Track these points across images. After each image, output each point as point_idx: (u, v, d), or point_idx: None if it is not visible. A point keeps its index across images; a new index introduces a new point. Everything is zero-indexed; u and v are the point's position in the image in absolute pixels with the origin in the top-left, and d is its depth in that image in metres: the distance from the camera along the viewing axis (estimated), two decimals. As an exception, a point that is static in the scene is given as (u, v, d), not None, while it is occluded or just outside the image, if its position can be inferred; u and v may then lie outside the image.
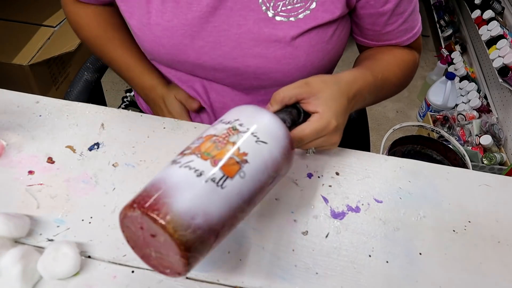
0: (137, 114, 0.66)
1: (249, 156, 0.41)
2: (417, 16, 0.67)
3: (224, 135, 0.42)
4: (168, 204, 0.36)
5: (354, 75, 0.59)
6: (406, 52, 0.70)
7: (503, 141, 1.80)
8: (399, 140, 1.40)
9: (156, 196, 0.36)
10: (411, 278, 0.50)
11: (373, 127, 2.01)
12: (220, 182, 0.38)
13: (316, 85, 0.52)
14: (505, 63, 1.66)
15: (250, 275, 0.49)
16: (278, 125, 0.45)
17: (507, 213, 0.58)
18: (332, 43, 0.64)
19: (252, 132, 0.43)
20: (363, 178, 0.61)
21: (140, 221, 0.37)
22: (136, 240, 0.39)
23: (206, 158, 0.39)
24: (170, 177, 0.38)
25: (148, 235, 0.37)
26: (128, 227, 0.39)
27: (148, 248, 0.39)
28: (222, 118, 0.45)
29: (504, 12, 1.88)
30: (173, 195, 0.36)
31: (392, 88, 0.69)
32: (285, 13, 0.59)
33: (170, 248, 0.37)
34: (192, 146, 0.42)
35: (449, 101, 1.96)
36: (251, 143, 0.42)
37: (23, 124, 0.62)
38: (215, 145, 0.40)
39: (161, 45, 0.63)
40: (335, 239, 0.53)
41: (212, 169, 0.38)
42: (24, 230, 0.48)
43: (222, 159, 0.39)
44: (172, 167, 0.39)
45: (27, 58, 1.62)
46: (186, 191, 0.37)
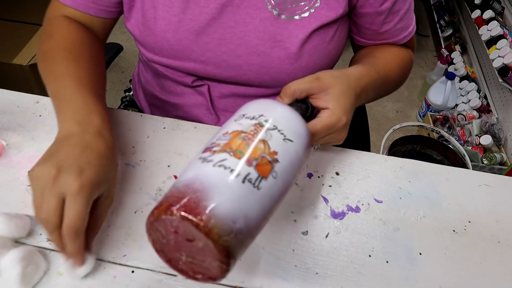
0: (137, 114, 0.66)
1: (279, 155, 0.39)
2: (412, 15, 0.68)
3: (253, 132, 0.39)
4: (209, 207, 0.33)
5: (360, 71, 0.59)
6: (403, 51, 0.71)
7: (503, 141, 1.80)
8: (399, 140, 1.40)
9: (194, 198, 0.33)
10: (411, 278, 0.50)
11: (373, 127, 2.01)
12: (256, 182, 0.36)
13: (327, 80, 0.52)
14: (505, 63, 1.65)
15: (250, 275, 0.49)
16: (301, 123, 0.44)
17: (507, 213, 0.58)
18: (333, 43, 0.64)
19: (279, 129, 0.41)
20: (363, 178, 0.61)
21: (176, 225, 0.34)
22: (164, 244, 0.37)
23: (239, 157, 0.37)
24: (205, 177, 0.35)
25: (183, 240, 0.35)
26: (158, 231, 0.36)
27: (179, 253, 0.37)
28: (245, 113, 0.43)
29: (504, 12, 1.88)
30: (213, 197, 0.34)
31: (391, 85, 0.69)
32: (289, 12, 0.60)
33: (209, 254, 0.35)
34: (220, 142, 0.39)
35: (449, 101, 1.96)
36: (280, 141, 0.40)
37: (23, 124, 0.62)
38: (246, 142, 0.38)
39: (165, 40, 0.62)
40: (335, 239, 0.53)
41: (248, 169, 0.36)
42: (24, 230, 0.48)
43: (256, 159, 0.37)
44: (204, 166, 0.36)
45: (27, 58, 1.62)
46: (225, 193, 0.35)
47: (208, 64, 0.65)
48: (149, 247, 0.49)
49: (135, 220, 0.52)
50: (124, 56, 2.23)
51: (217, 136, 0.41)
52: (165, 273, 0.48)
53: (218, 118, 0.73)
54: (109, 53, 0.95)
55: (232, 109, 0.72)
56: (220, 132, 0.41)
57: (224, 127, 0.42)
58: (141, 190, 0.56)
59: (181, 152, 0.61)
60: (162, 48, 0.64)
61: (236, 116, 0.43)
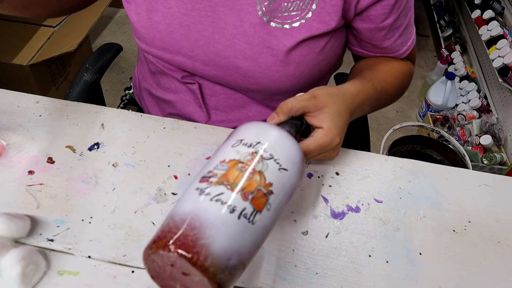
0: (137, 114, 0.66)
1: (274, 187, 0.40)
2: (412, 29, 0.69)
3: (250, 163, 0.40)
4: (206, 247, 0.34)
5: (357, 88, 0.59)
6: (403, 64, 0.71)
7: (503, 141, 1.80)
8: (399, 140, 1.40)
9: (192, 236, 0.35)
10: (411, 278, 0.50)
11: (373, 127, 2.01)
12: (251, 217, 0.37)
13: (323, 99, 0.52)
14: (505, 63, 1.66)
15: (250, 275, 0.49)
16: (297, 151, 0.44)
17: (507, 213, 0.58)
18: (323, 54, 0.64)
19: (275, 159, 0.41)
20: (363, 178, 0.61)
21: (173, 260, 0.35)
22: (160, 272, 0.38)
23: (236, 191, 0.38)
24: (203, 213, 0.36)
25: (179, 272, 0.36)
26: (155, 261, 0.37)
27: (174, 282, 0.38)
28: (242, 138, 0.43)
29: (504, 12, 1.88)
30: (210, 235, 0.35)
31: (388, 99, 0.70)
32: (280, 20, 0.60)
33: (203, 287, 0.36)
34: (217, 172, 0.39)
35: (449, 101, 1.96)
36: (275, 172, 0.41)
37: (23, 124, 0.62)
38: (243, 174, 0.39)
39: (158, 31, 0.63)
40: (335, 239, 0.53)
41: (243, 204, 0.37)
42: (24, 230, 0.48)
43: (252, 192, 0.38)
44: (202, 200, 0.37)
45: (27, 58, 1.62)
46: (221, 230, 0.36)
47: (196, 60, 0.65)
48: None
49: (135, 220, 0.52)
50: (124, 56, 2.23)
51: (214, 162, 0.41)
52: (165, 273, 0.48)
53: (209, 116, 0.74)
54: (109, 53, 0.95)
55: (223, 108, 0.73)
56: (217, 158, 0.42)
57: (222, 151, 0.42)
58: (141, 190, 0.56)
59: (181, 152, 0.61)
60: (154, 39, 0.65)
61: (233, 140, 0.43)
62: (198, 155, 0.61)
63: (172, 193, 0.55)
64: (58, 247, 0.49)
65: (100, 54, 0.94)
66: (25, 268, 0.43)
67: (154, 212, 0.53)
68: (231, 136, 0.45)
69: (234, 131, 0.46)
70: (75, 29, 1.77)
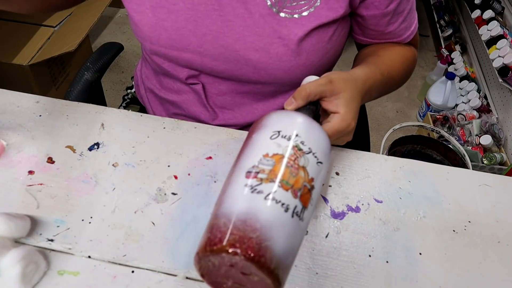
0: (137, 114, 0.66)
1: (315, 181, 0.41)
2: (414, 14, 0.69)
3: (294, 158, 0.40)
4: (270, 248, 0.35)
5: (366, 73, 0.59)
6: (407, 49, 0.71)
7: (503, 141, 1.80)
8: (399, 140, 1.40)
9: (256, 238, 0.34)
10: (411, 278, 0.50)
11: (373, 127, 2.01)
12: (301, 215, 0.38)
13: (339, 84, 0.52)
14: (505, 63, 1.65)
15: (250, 275, 0.49)
16: (328, 142, 0.45)
17: (507, 213, 0.58)
18: (332, 42, 0.64)
19: (313, 153, 0.41)
20: (363, 178, 0.61)
21: (235, 262, 0.35)
22: (213, 272, 0.38)
23: (287, 189, 0.37)
24: (261, 213, 0.36)
25: (237, 272, 0.36)
26: (211, 261, 0.37)
27: (226, 279, 0.38)
28: (279, 130, 0.42)
29: (504, 12, 1.88)
30: (271, 236, 0.35)
31: (394, 84, 0.70)
32: (289, 10, 0.60)
33: (263, 285, 0.36)
34: (264, 168, 0.39)
35: (449, 101, 1.96)
36: (314, 166, 0.41)
37: (23, 124, 0.62)
38: (290, 171, 0.39)
39: (163, 29, 0.63)
40: (335, 239, 0.53)
41: (295, 202, 0.37)
42: (25, 230, 0.48)
43: (300, 189, 0.38)
44: (256, 199, 0.37)
45: (27, 58, 1.62)
46: (280, 230, 0.36)
47: (205, 56, 0.65)
48: (149, 247, 0.50)
49: (135, 220, 0.52)
50: (124, 56, 2.23)
51: (255, 156, 0.40)
52: (165, 273, 0.48)
53: (216, 115, 0.74)
54: (109, 53, 0.95)
55: (230, 106, 0.73)
56: (258, 151, 0.41)
57: (260, 143, 0.42)
58: (141, 190, 0.56)
59: (181, 152, 0.61)
60: (160, 37, 0.64)
61: (269, 131, 0.42)
62: (198, 155, 0.61)
63: (172, 193, 0.55)
64: (58, 247, 0.49)
65: (101, 53, 0.94)
66: (25, 268, 0.43)
67: (154, 212, 0.53)
68: (262, 126, 0.43)
69: (264, 119, 0.45)
70: (75, 29, 1.77)
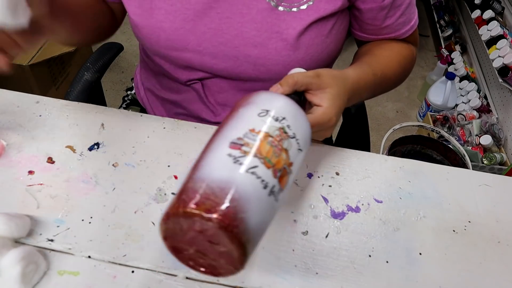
0: (137, 114, 0.66)
1: (293, 166, 0.41)
2: (414, 9, 0.68)
3: (279, 139, 0.40)
4: (245, 221, 0.34)
5: (358, 74, 0.59)
6: (404, 47, 0.71)
7: (503, 141, 1.80)
8: (399, 140, 1.40)
9: (233, 208, 0.34)
10: (411, 278, 0.50)
11: (373, 127, 2.01)
12: (277, 195, 0.38)
13: (327, 79, 0.52)
14: (505, 63, 1.65)
15: (250, 275, 0.49)
16: (310, 133, 0.45)
17: (507, 213, 0.58)
18: (331, 37, 0.64)
19: (296, 139, 0.42)
20: (363, 178, 0.61)
21: (206, 228, 0.34)
22: (178, 235, 0.37)
23: (269, 167, 0.37)
24: (240, 185, 0.35)
25: (204, 240, 0.35)
26: (179, 223, 0.35)
27: (189, 245, 0.37)
28: (268, 109, 0.42)
29: (504, 12, 1.88)
30: (247, 209, 0.34)
31: (390, 84, 0.70)
32: (287, 3, 0.60)
33: (227, 258, 0.36)
34: (249, 142, 0.38)
35: (449, 101, 1.96)
36: (295, 152, 0.41)
37: (23, 124, 0.62)
38: (273, 150, 0.38)
39: (162, 30, 0.63)
40: (335, 239, 0.53)
41: (274, 181, 0.37)
42: (24, 230, 0.48)
43: (280, 170, 0.38)
44: (238, 170, 0.36)
45: (27, 58, 1.61)
46: (256, 205, 0.35)
47: (205, 54, 0.65)
48: (149, 247, 0.49)
49: (135, 220, 0.52)
50: (124, 56, 2.23)
51: (242, 129, 0.40)
52: (165, 273, 0.48)
53: (217, 112, 0.74)
54: (109, 53, 0.95)
55: (231, 104, 0.72)
56: (244, 124, 0.40)
57: (248, 118, 0.41)
58: (141, 190, 0.56)
59: (181, 152, 0.61)
60: (159, 38, 0.64)
61: (257, 108, 0.42)
62: (198, 155, 0.60)
63: (172, 193, 0.55)
64: (58, 247, 0.49)
65: (101, 53, 0.93)
66: (25, 268, 0.43)
67: (154, 212, 0.53)
68: (252, 102, 0.43)
69: (253, 97, 0.44)
70: (75, 29, 1.77)
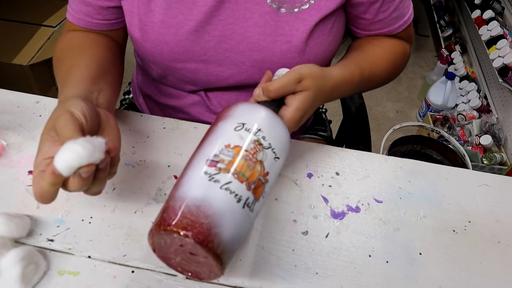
0: (137, 114, 0.66)
1: (269, 176, 0.43)
2: (408, 4, 0.67)
3: (253, 151, 0.42)
4: (218, 235, 0.37)
5: (343, 76, 0.59)
6: (396, 44, 0.70)
7: (503, 141, 1.80)
8: (399, 140, 1.40)
9: (206, 224, 0.37)
10: (411, 278, 0.50)
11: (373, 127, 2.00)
12: (251, 206, 0.41)
13: (306, 82, 0.53)
14: (505, 63, 1.65)
15: (250, 275, 0.49)
16: (288, 139, 0.47)
17: (507, 213, 0.58)
18: (332, 35, 0.64)
19: (272, 148, 0.44)
20: (363, 178, 0.61)
21: (185, 243, 0.38)
22: (164, 248, 0.41)
23: (242, 181, 0.40)
24: (214, 201, 0.38)
25: (185, 251, 0.39)
26: (163, 239, 0.39)
27: (175, 256, 0.41)
28: (244, 122, 0.44)
29: (504, 12, 1.88)
30: (221, 224, 0.38)
31: (378, 81, 0.69)
32: (289, 5, 0.59)
33: (207, 266, 0.40)
34: (224, 158, 0.41)
35: (449, 101, 1.96)
36: (271, 161, 0.44)
37: (23, 124, 0.62)
38: (247, 164, 0.41)
39: (165, 43, 0.62)
40: (335, 239, 0.53)
41: (247, 194, 0.40)
42: (24, 230, 0.48)
43: (254, 182, 0.41)
44: (212, 188, 0.39)
45: (27, 58, 1.61)
46: (230, 218, 0.39)
47: (210, 63, 0.64)
48: (149, 247, 0.49)
49: (135, 220, 0.52)
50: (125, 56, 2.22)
51: (218, 145, 0.42)
52: (165, 273, 0.48)
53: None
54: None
55: None
56: (221, 140, 0.43)
57: (224, 133, 0.44)
58: (141, 190, 0.56)
59: (181, 152, 0.61)
60: (162, 51, 0.63)
61: (234, 122, 0.44)
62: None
63: (172, 193, 0.55)
64: (58, 247, 0.49)
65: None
66: (25, 268, 0.43)
67: (154, 212, 0.53)
68: (229, 116, 0.45)
69: (231, 109, 0.46)
70: (75, 29, 1.77)
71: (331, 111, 1.15)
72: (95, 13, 0.63)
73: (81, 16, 0.64)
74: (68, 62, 0.58)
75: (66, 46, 0.63)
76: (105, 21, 0.65)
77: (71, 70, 0.56)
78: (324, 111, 0.98)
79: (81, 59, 0.58)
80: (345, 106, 0.96)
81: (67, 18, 0.66)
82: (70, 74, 0.55)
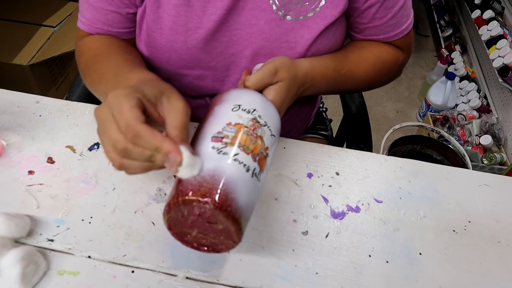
0: (137, 114, 0.66)
1: (269, 150, 0.46)
2: (407, 13, 0.66)
3: (253, 128, 0.45)
4: (235, 200, 0.39)
5: (313, 66, 0.61)
6: (388, 52, 0.69)
7: (503, 141, 1.80)
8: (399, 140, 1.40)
9: (224, 190, 0.39)
10: (411, 278, 0.50)
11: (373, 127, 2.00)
12: (258, 176, 0.43)
13: (281, 74, 0.55)
14: (505, 63, 1.65)
15: (250, 275, 0.49)
16: (279, 120, 0.50)
17: (507, 213, 0.58)
18: (334, 40, 0.65)
19: (268, 126, 0.47)
20: (363, 178, 0.61)
21: (204, 211, 0.39)
22: (181, 222, 0.42)
23: (248, 153, 0.42)
24: (227, 171, 0.40)
25: (203, 221, 0.41)
26: (181, 211, 0.40)
27: (192, 229, 0.42)
28: (240, 103, 0.47)
29: (504, 12, 1.88)
30: (236, 190, 0.40)
31: (360, 83, 0.69)
32: (294, 12, 0.60)
33: (225, 234, 0.41)
34: (228, 134, 0.43)
35: (449, 101, 1.96)
36: (269, 137, 0.47)
37: (23, 124, 0.62)
38: (250, 138, 0.44)
39: (173, 50, 0.62)
40: (335, 239, 0.53)
41: (254, 164, 0.43)
42: (24, 230, 0.48)
43: (258, 154, 0.44)
44: (223, 159, 0.41)
45: (27, 58, 1.62)
46: (243, 186, 0.41)
47: (217, 69, 0.64)
48: (149, 247, 0.50)
49: (135, 220, 0.52)
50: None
51: (219, 124, 0.45)
52: (165, 273, 0.48)
53: None
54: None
55: None
56: (221, 120, 0.45)
57: (223, 114, 0.46)
58: (141, 190, 0.56)
59: (181, 152, 0.61)
60: (169, 58, 0.63)
61: (231, 104, 0.47)
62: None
63: (172, 193, 0.55)
64: (58, 247, 0.49)
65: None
66: (25, 268, 0.43)
67: (154, 212, 0.53)
68: (225, 100, 0.48)
69: (224, 95, 0.49)
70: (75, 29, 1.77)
71: (332, 110, 1.15)
72: (115, 22, 0.64)
73: (99, 25, 0.64)
74: (114, 58, 0.60)
75: (96, 48, 0.63)
76: (125, 29, 0.65)
77: (123, 63, 0.58)
78: (325, 110, 0.98)
79: (124, 51, 0.62)
80: (345, 105, 0.96)
81: (80, 27, 0.66)
82: (128, 62, 0.58)
